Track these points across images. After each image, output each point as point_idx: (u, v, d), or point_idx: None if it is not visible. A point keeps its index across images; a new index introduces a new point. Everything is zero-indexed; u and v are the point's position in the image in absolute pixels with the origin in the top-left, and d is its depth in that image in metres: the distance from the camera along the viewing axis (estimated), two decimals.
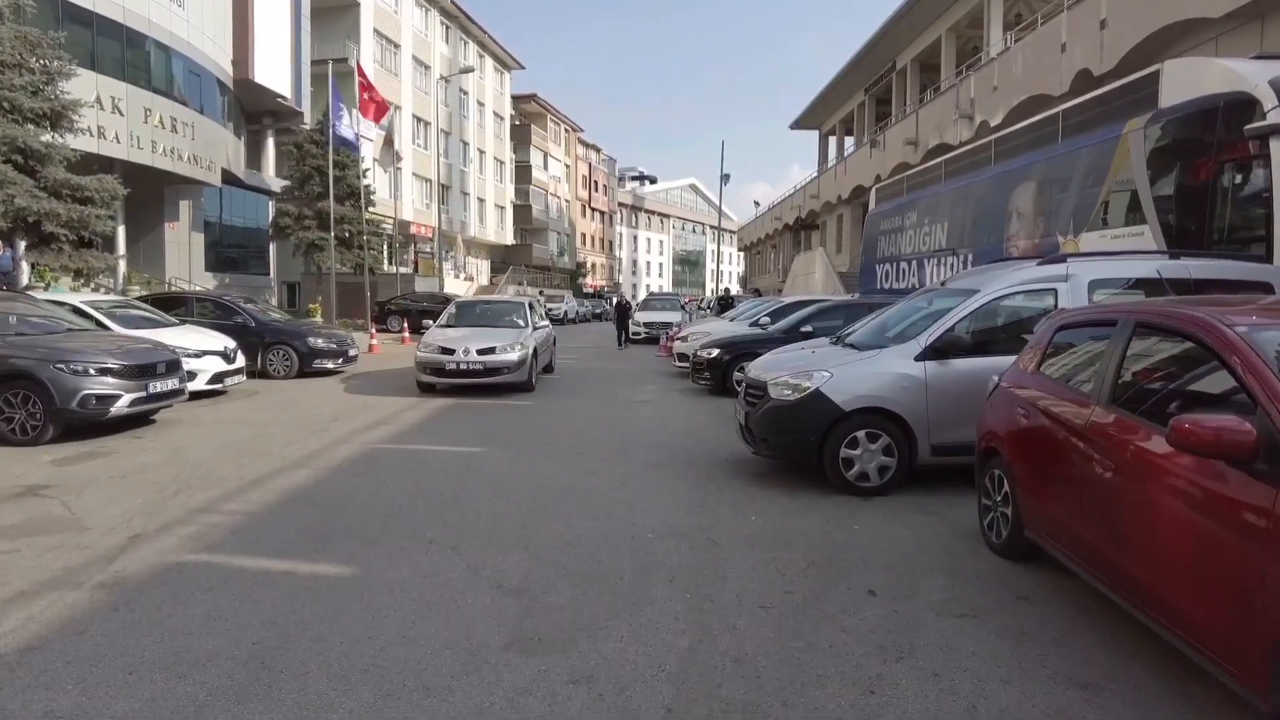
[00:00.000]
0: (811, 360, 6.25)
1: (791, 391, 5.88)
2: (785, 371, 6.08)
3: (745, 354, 11.05)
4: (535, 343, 12.09)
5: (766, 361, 6.84)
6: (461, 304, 14.21)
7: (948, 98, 22.68)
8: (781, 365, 6.40)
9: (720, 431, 8.51)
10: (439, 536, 4.82)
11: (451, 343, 11.41)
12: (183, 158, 21.09)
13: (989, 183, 12.98)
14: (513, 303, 14.16)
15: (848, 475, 5.76)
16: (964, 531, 4.96)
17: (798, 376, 5.91)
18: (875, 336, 6.62)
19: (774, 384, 6.02)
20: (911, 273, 16.14)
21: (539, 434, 8.42)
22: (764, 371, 6.36)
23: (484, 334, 11.79)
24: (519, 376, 11.28)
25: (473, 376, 11.06)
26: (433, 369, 11.27)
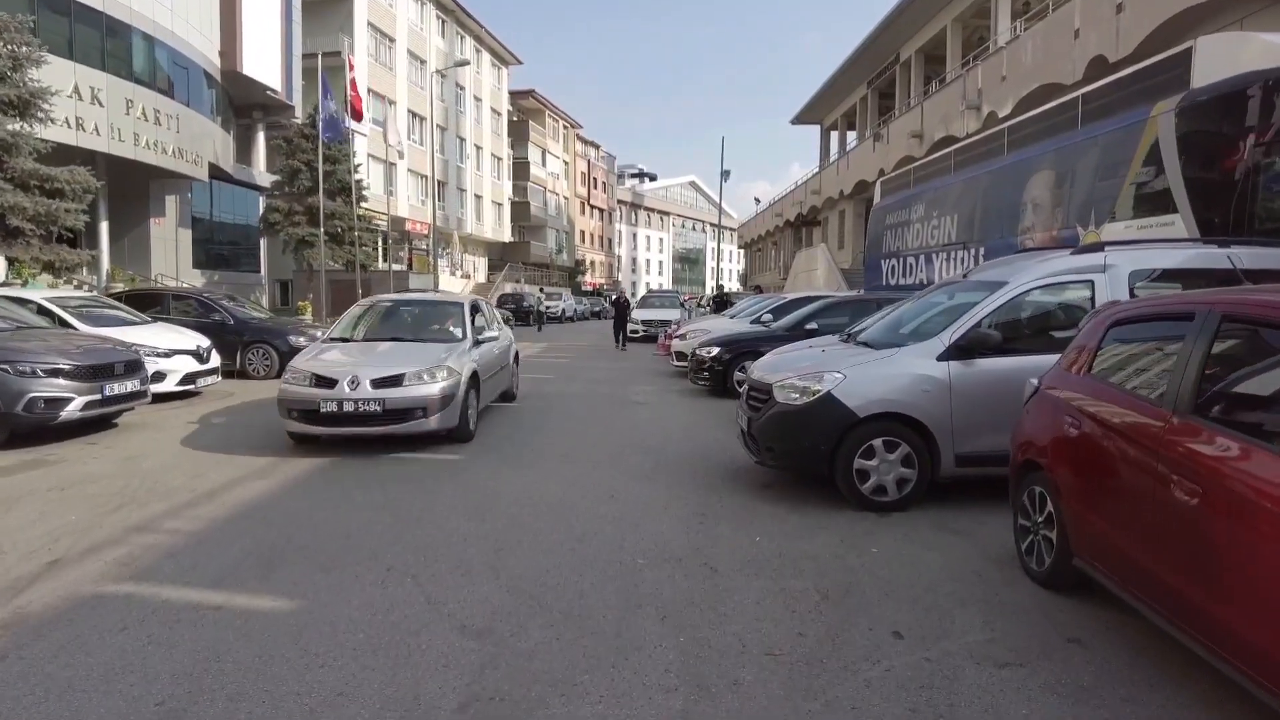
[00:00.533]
0: (821, 360, 5.66)
1: (799, 395, 5.29)
2: (792, 373, 5.49)
3: (747, 353, 10.47)
4: (475, 364, 7.86)
5: (771, 362, 6.24)
6: (371, 305, 9.31)
7: (954, 89, 22.06)
8: (788, 366, 5.81)
9: (720, 435, 7.93)
10: (400, 561, 4.24)
11: (334, 369, 7.09)
12: (167, 151, 20.49)
13: (1002, 173, 12.38)
14: (446, 303, 9.34)
15: (862, 489, 5.17)
16: (997, 555, 4.37)
17: (806, 378, 5.32)
18: (890, 334, 6.02)
19: (780, 387, 5.42)
20: (919, 268, 15.55)
21: (525, 438, 7.83)
22: (769, 373, 5.77)
23: (389, 354, 7.66)
24: (443, 421, 7.09)
25: (364, 424, 6.86)
26: (303, 411, 6.94)
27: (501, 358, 9.41)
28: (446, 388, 7.12)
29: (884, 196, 18.56)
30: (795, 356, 6.19)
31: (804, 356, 6.05)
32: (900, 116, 26.71)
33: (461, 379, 7.36)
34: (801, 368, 5.55)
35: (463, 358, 7.67)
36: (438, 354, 7.48)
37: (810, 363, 5.65)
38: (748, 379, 6.11)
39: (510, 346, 10.22)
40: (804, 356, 6.05)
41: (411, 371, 7.06)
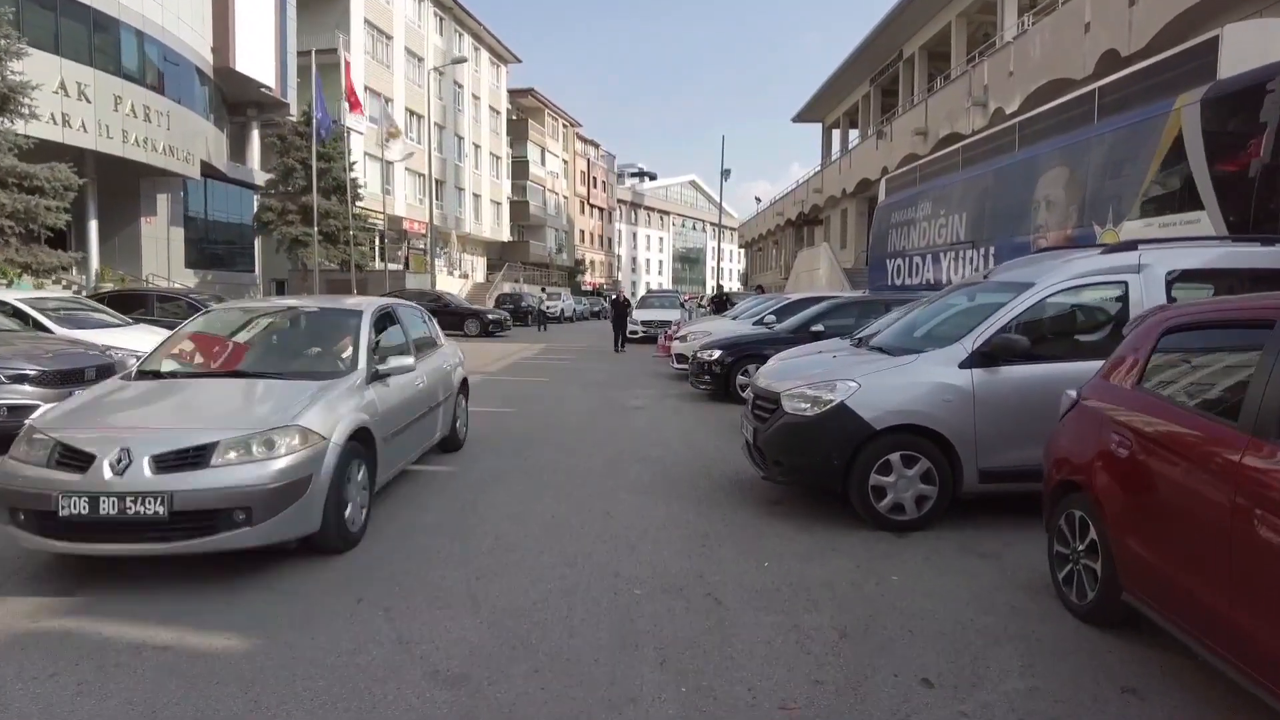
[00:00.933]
0: (832, 367, 5.26)
1: (810, 405, 4.89)
2: (802, 381, 5.09)
3: (750, 355, 10.08)
4: (366, 416, 4.72)
5: (778, 368, 5.84)
6: (220, 314, 6.11)
7: (959, 85, 21.67)
8: (797, 373, 5.41)
9: (722, 444, 7.53)
10: (372, 591, 3.84)
11: (98, 433, 4.02)
12: (157, 148, 20.10)
13: (1013, 170, 11.99)
14: (335, 313, 6.02)
15: (879, 507, 4.77)
16: (1029, 583, 3.97)
17: (818, 387, 4.92)
18: (906, 339, 5.63)
19: (789, 396, 5.03)
20: (926, 267, 15.16)
21: (518, 448, 7.43)
22: (776, 380, 5.37)
23: (203, 404, 4.52)
24: (283, 527, 3.99)
25: (137, 536, 3.77)
26: (32, 513, 3.80)
27: (427, 395, 6.04)
28: (292, 466, 3.96)
29: (889, 194, 18.17)
30: (804, 363, 5.79)
31: (814, 363, 5.65)
32: (904, 114, 26.32)
33: (329, 447, 4.19)
34: (812, 375, 5.15)
35: (338, 406, 4.49)
36: (290, 402, 4.32)
37: (821, 370, 5.25)
38: (753, 387, 5.71)
39: (451, 373, 6.99)
40: (814, 363, 5.65)
41: (229, 439, 3.92)
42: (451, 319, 25.90)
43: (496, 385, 12.46)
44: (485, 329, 25.79)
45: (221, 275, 26.88)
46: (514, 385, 12.56)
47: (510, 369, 15.51)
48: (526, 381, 13.16)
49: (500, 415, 9.35)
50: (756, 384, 5.60)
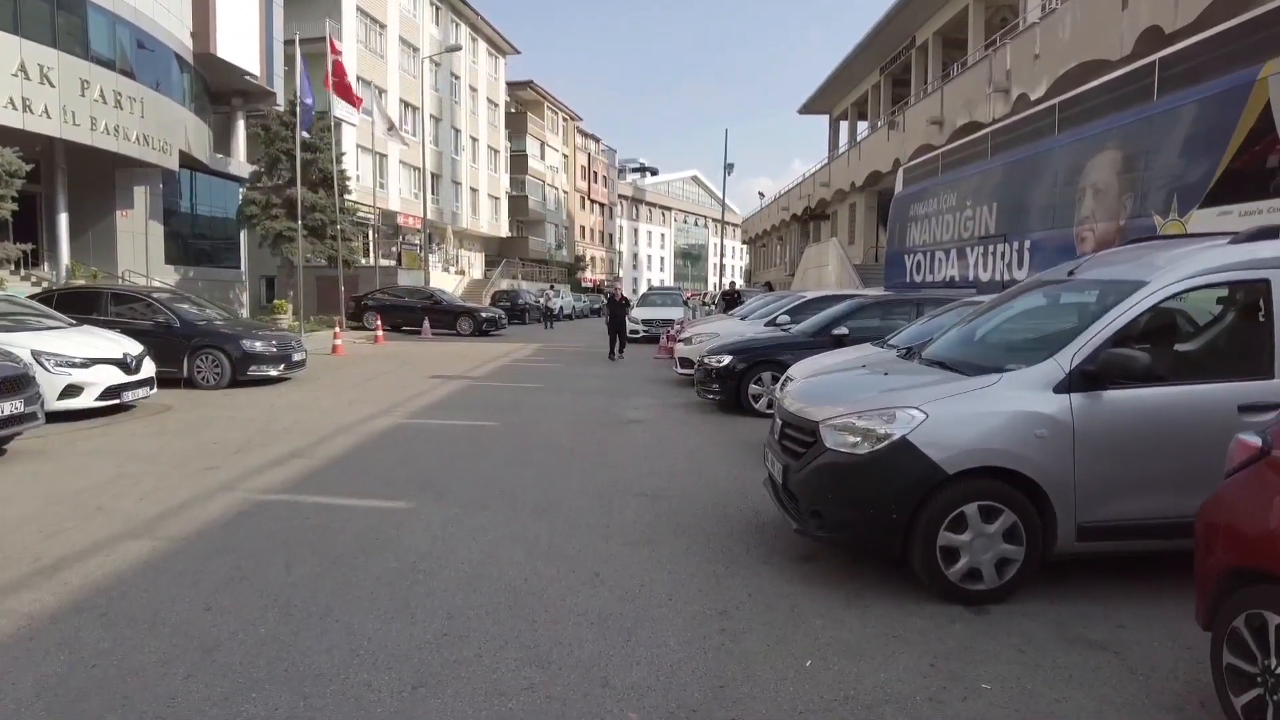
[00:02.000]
0: (887, 389, 4.13)
1: (861, 440, 3.77)
2: (848, 407, 3.96)
3: (764, 361, 8.97)
4: None
5: (812, 387, 4.70)
6: None
7: (978, 71, 20.50)
8: (838, 394, 4.29)
9: (736, 469, 6.42)
10: (266, 707, 2.73)
11: None
12: (130, 137, 18.95)
13: (1052, 156, 10.84)
14: None
15: (949, 572, 3.66)
16: (1178, 701, 2.86)
17: (870, 417, 3.79)
18: (971, 350, 4.51)
19: (832, 427, 3.90)
20: (949, 263, 14.02)
21: (494, 476, 6.31)
22: (812, 404, 4.24)
23: None
24: None
25: None
26: None
27: None
28: None
29: (907, 185, 17.02)
30: (845, 381, 4.66)
31: (858, 382, 4.52)
32: (918, 102, 25.15)
33: None
34: (860, 400, 4.02)
35: None
36: None
37: (872, 392, 4.12)
38: (780, 410, 4.58)
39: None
40: (858, 382, 4.52)
41: None
42: (444, 318, 24.87)
43: (481, 392, 11.35)
44: (479, 328, 24.69)
45: (205, 272, 25.75)
46: (500, 392, 11.45)
47: (499, 373, 14.40)
48: (515, 388, 12.05)
49: (479, 431, 8.23)
50: (785, 407, 4.47)
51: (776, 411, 4.63)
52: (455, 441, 7.64)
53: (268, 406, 9.80)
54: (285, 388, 11.55)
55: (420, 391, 11.25)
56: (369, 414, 9.23)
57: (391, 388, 11.64)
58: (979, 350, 4.44)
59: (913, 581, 3.82)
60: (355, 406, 9.80)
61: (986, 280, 12.54)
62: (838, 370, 4.95)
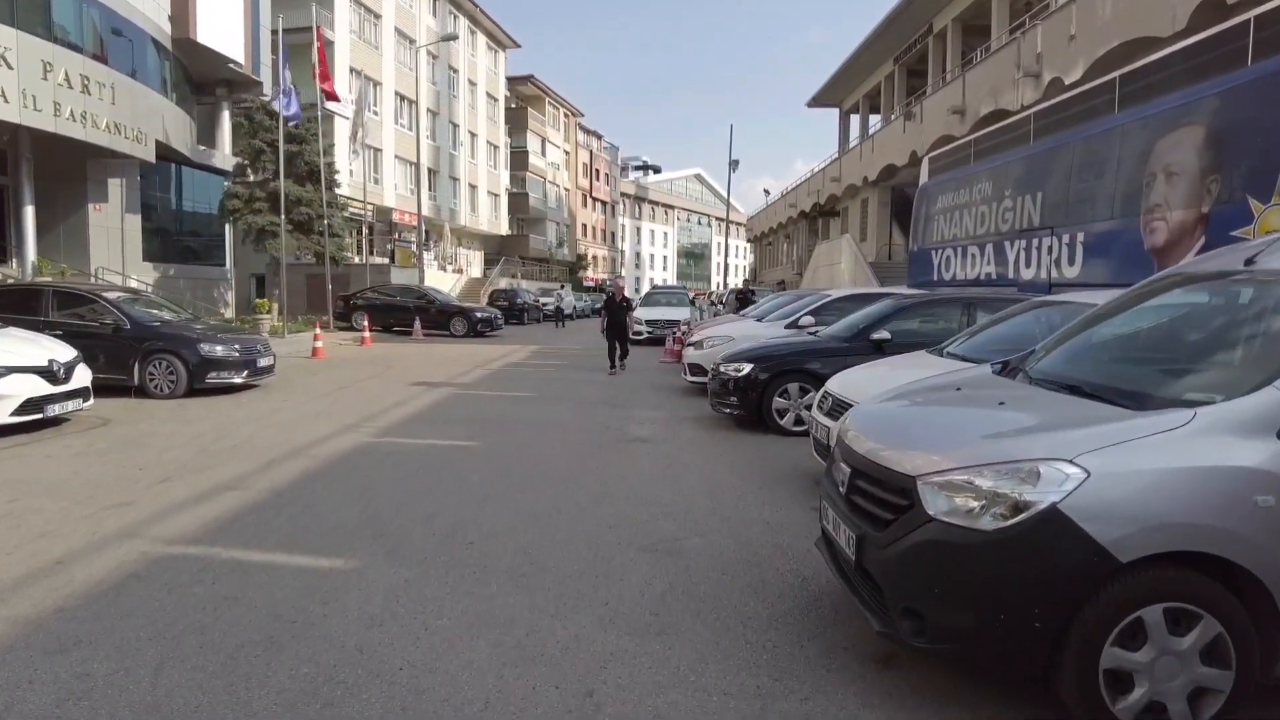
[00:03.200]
0: (1020, 429, 2.86)
1: (986, 508, 2.53)
2: (960, 456, 2.70)
3: (790, 371, 7.72)
4: None
5: (892, 418, 3.42)
6: None
7: (1005, 55, 19.23)
8: (937, 432, 3.04)
9: (767, 509, 5.19)
10: None
11: None
12: (99, 125, 17.71)
13: (1112, 136, 9.58)
14: None
15: (1119, 707, 2.43)
16: None
17: (1002, 473, 2.55)
18: (1108, 366, 3.28)
19: (938, 485, 2.65)
20: (984, 259, 12.77)
21: (466, 519, 5.09)
22: (894, 444, 2.99)
23: None
24: None
25: None
26: None
27: None
28: None
29: (933, 176, 15.76)
30: (942, 412, 3.38)
31: (962, 415, 3.26)
32: (936, 91, 23.87)
33: None
34: (977, 446, 2.77)
35: None
36: None
37: (989, 431, 2.86)
38: (844, 449, 3.32)
39: None
40: (962, 415, 3.26)
41: None
42: (437, 318, 23.68)
43: (466, 403, 10.12)
44: (474, 329, 23.47)
45: (187, 270, 24.55)
46: (488, 403, 10.22)
47: (489, 379, 13.16)
48: (505, 398, 10.82)
49: (456, 454, 7.00)
50: (853, 446, 3.22)
51: (839, 451, 3.38)
52: (426, 469, 6.41)
53: (221, 420, 8.58)
54: (248, 396, 10.34)
55: (398, 402, 10.03)
56: (333, 430, 8.00)
57: (367, 397, 10.42)
58: (1126, 370, 3.21)
59: (1057, 710, 2.59)
60: (320, 420, 8.57)
61: (1029, 278, 11.30)
62: (921, 393, 3.68)
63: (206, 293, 25.23)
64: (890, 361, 6.14)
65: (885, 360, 6.24)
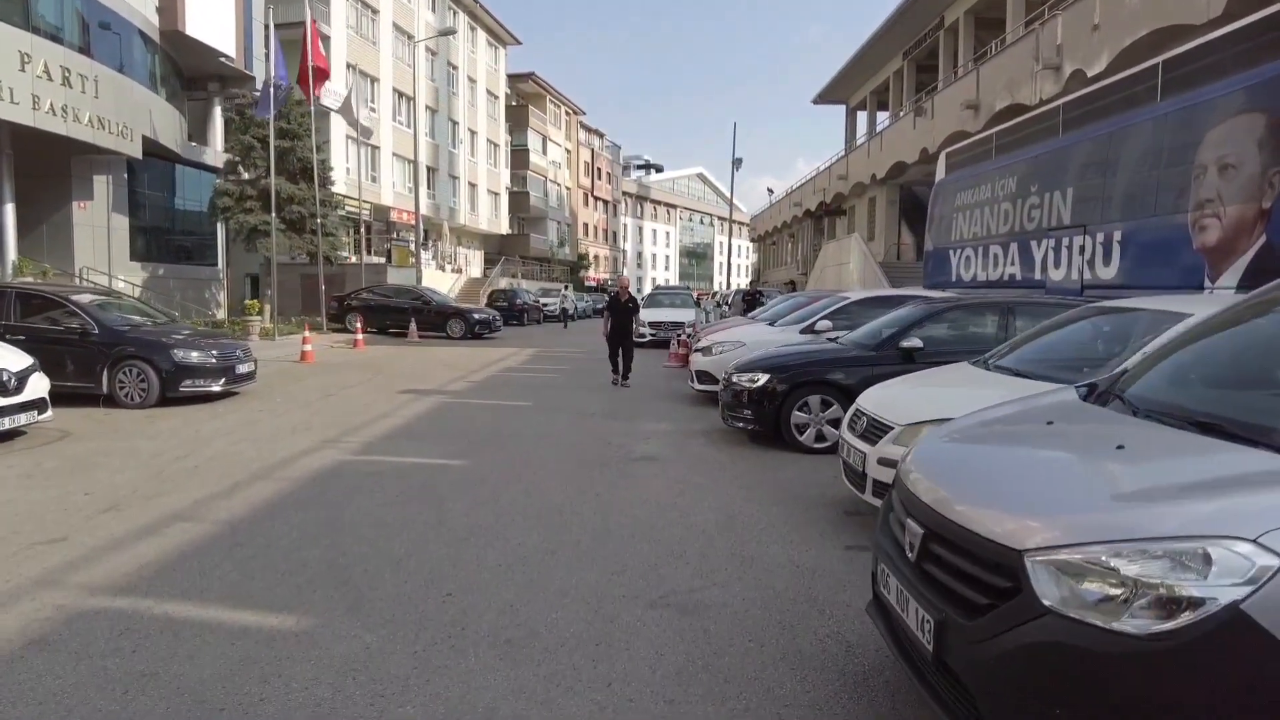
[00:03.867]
0: (1157, 486, 2.15)
1: (1128, 602, 1.83)
2: (1085, 526, 2.00)
3: (811, 382, 7.02)
4: None
5: (970, 461, 2.69)
6: None
7: (1022, 47, 18.50)
8: (1039, 486, 2.33)
9: (795, 548, 4.49)
10: None
11: None
12: (81, 119, 17.08)
13: (1154, 126, 8.88)
14: None
15: None
16: None
17: (1151, 555, 1.85)
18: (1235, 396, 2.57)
19: (1057, 566, 1.95)
20: (1008, 259, 12.07)
21: (441, 570, 4.40)
22: (982, 499, 2.28)
23: None
24: None
25: None
26: None
27: None
28: None
29: (950, 171, 15.06)
30: (1037, 455, 2.67)
31: (1067, 462, 2.55)
32: (948, 86, 23.13)
33: None
34: (1105, 510, 2.06)
35: None
36: None
37: (1117, 489, 2.16)
38: (908, 497, 2.61)
39: None
40: (1067, 462, 2.55)
41: None
42: (433, 319, 23.01)
43: (457, 414, 9.42)
44: (471, 330, 22.79)
45: (177, 270, 23.90)
46: (481, 414, 9.53)
47: (485, 385, 12.48)
48: (499, 407, 10.12)
49: (440, 476, 6.30)
50: (918, 492, 2.51)
51: (900, 499, 2.68)
52: (405, 495, 5.72)
53: (190, 434, 7.90)
54: (225, 406, 9.66)
55: (384, 412, 9.34)
56: (308, 446, 7.32)
57: (352, 407, 9.73)
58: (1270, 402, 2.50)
59: None
60: (296, 434, 7.89)
61: (1059, 280, 10.61)
62: (998, 425, 2.97)
63: (198, 293, 24.59)
64: (929, 375, 5.44)
65: (923, 374, 5.54)
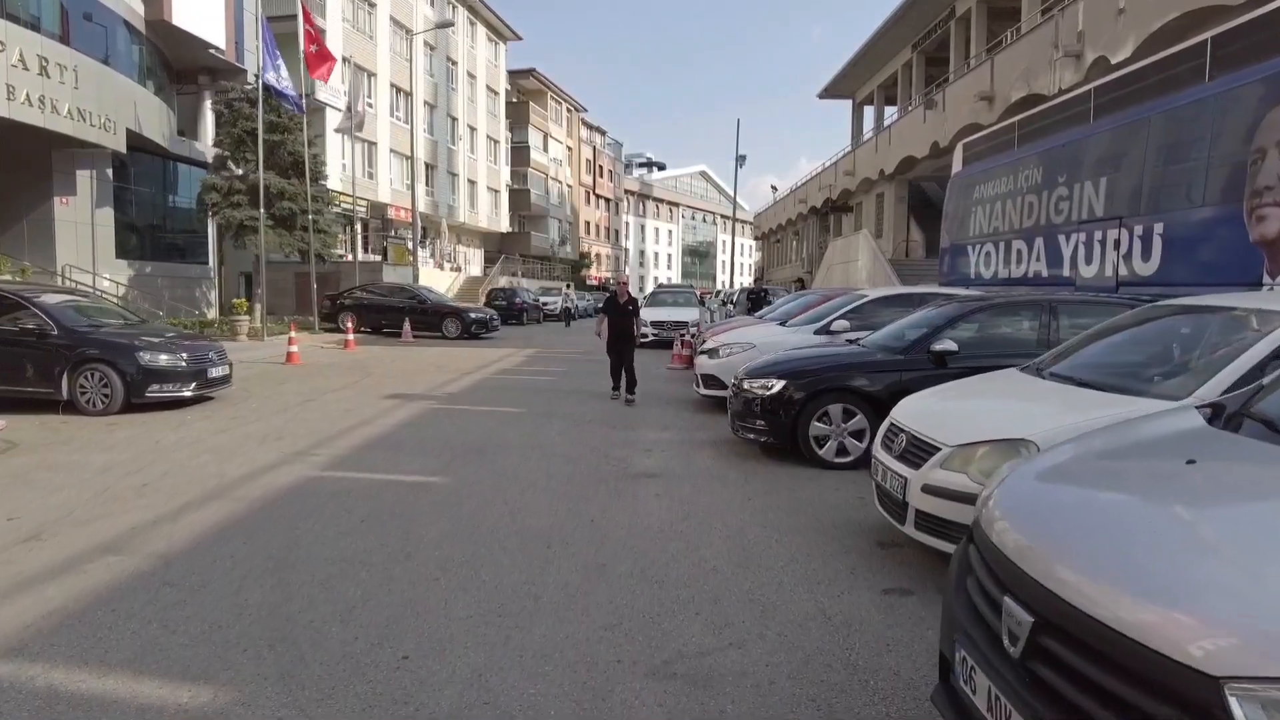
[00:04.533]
0: None
1: None
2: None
3: (833, 389, 6.29)
4: None
5: (1085, 506, 1.95)
6: None
7: (1040, 35, 17.77)
8: (1223, 560, 1.62)
9: (823, 593, 3.78)
10: None
11: None
12: (60, 111, 16.39)
13: (1204, 108, 8.15)
14: None
15: None
16: None
17: None
18: None
19: (1274, 709, 1.24)
20: (1033, 254, 11.35)
21: (394, 625, 3.70)
22: (1121, 574, 1.57)
23: None
24: None
25: None
26: None
27: None
28: None
29: (968, 164, 14.34)
30: (1205, 518, 1.89)
31: (1254, 525, 1.83)
32: (961, 78, 22.40)
33: None
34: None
35: None
36: None
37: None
38: (991, 548, 1.90)
39: None
40: (1254, 525, 1.83)
41: None
42: (428, 318, 22.34)
43: (443, 421, 8.70)
44: (467, 330, 22.10)
45: (166, 268, 23.22)
46: (469, 421, 8.81)
47: (476, 389, 11.77)
48: (490, 414, 9.41)
49: (416, 496, 5.59)
50: (1014, 554, 1.79)
51: (989, 562, 1.97)
52: (372, 521, 5.01)
53: (147, 445, 7.21)
54: (195, 412, 8.97)
55: (365, 419, 8.64)
56: (275, 460, 6.62)
57: (330, 413, 9.03)
58: None
59: None
60: (265, 446, 7.19)
61: (1090, 276, 9.88)
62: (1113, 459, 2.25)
63: (188, 292, 23.93)
64: (974, 385, 4.72)
65: (965, 383, 4.82)
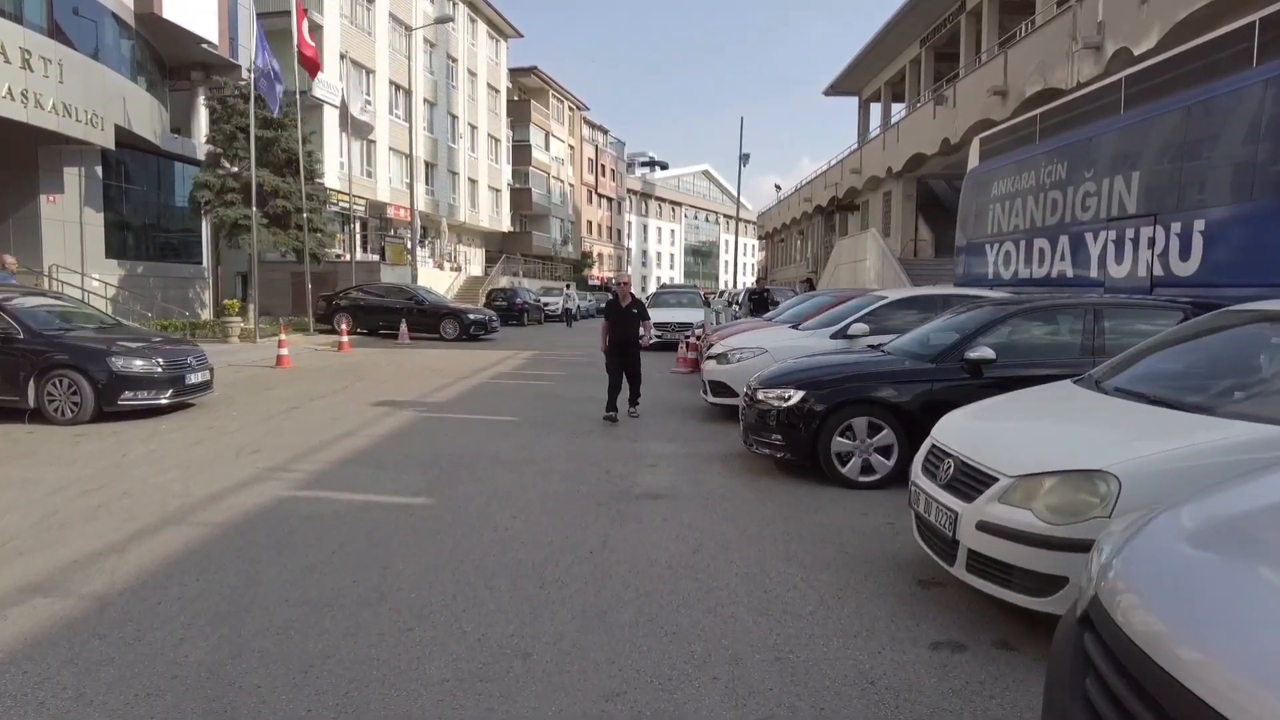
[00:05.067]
0: None
1: None
2: None
3: (857, 401, 5.73)
4: None
5: (1251, 586, 1.45)
6: None
7: (1057, 27, 17.19)
8: None
9: (858, 647, 3.23)
10: None
11: None
12: (44, 106, 15.86)
13: (1248, 96, 7.59)
14: None
15: None
16: None
17: None
18: None
19: None
20: (1057, 253, 10.79)
21: (351, 693, 3.15)
22: None
23: None
24: None
25: None
26: None
27: None
28: None
29: (985, 159, 13.77)
30: None
31: None
32: (972, 72, 21.81)
33: None
34: None
35: None
36: None
37: None
38: (1125, 644, 1.35)
39: None
40: None
41: None
42: (425, 320, 21.80)
43: (432, 432, 8.15)
44: (465, 331, 21.55)
45: (159, 268, 22.69)
46: (459, 432, 8.26)
47: (470, 396, 11.22)
48: (482, 424, 8.85)
49: (395, 521, 5.03)
50: (1161, 660, 1.25)
51: (1123, 656, 1.41)
52: (344, 552, 4.46)
53: (114, 459, 6.67)
54: (171, 421, 8.44)
55: (349, 430, 8.10)
56: (248, 476, 6.08)
57: (314, 423, 8.49)
58: None
59: None
60: (241, 460, 6.65)
61: (1122, 276, 9.32)
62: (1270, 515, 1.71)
63: (181, 293, 23.41)
64: (1026, 400, 4.16)
65: (1016, 397, 4.26)
